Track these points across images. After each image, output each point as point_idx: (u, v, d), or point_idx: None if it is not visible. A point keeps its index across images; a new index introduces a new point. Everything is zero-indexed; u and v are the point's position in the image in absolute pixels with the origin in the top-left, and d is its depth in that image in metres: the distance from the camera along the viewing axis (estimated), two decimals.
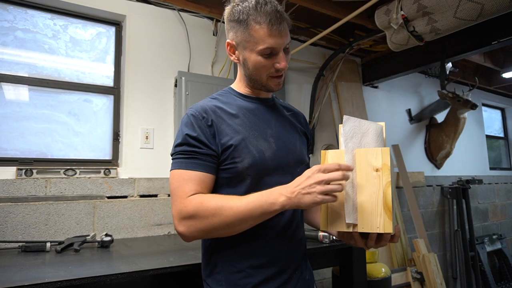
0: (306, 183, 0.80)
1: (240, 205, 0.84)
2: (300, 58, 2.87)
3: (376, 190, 0.82)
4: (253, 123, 1.00)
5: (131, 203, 2.02)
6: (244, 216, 0.84)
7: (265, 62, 0.95)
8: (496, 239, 4.15)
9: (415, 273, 3.00)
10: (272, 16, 0.91)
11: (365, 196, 0.83)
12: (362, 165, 0.84)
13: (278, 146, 1.01)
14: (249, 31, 0.93)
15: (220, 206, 0.84)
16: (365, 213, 0.82)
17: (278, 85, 1.01)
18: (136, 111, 2.14)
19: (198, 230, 0.87)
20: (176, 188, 0.91)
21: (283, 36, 0.94)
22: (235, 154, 0.94)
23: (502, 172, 4.79)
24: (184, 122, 0.97)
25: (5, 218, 1.69)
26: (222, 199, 0.87)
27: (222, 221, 0.84)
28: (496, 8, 1.80)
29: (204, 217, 0.85)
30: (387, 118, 3.49)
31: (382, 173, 0.82)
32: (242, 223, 0.85)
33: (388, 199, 0.81)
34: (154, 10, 2.28)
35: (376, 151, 0.84)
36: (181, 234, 0.89)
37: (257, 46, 0.93)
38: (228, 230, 0.87)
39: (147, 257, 1.44)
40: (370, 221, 0.82)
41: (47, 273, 1.14)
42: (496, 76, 4.13)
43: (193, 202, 0.87)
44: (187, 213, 0.86)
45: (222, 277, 0.95)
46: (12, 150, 1.87)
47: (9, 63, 1.92)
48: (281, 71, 0.97)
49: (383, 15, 2.20)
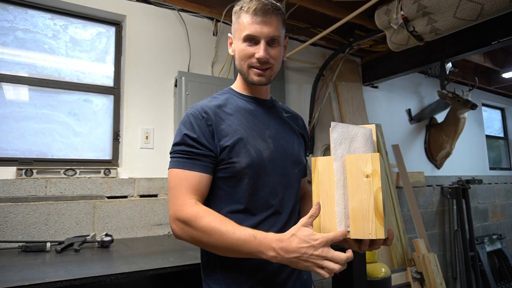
0: (308, 252, 0.76)
1: (231, 236, 0.82)
2: (300, 58, 2.87)
3: (367, 197, 0.82)
4: (252, 123, 1.01)
5: (131, 203, 2.02)
6: (231, 247, 0.83)
7: (246, 50, 0.98)
8: (496, 239, 4.15)
9: (415, 273, 3.00)
10: (259, 5, 0.96)
11: (356, 202, 0.83)
12: (353, 172, 0.84)
13: (276, 147, 1.01)
14: (238, 20, 1.00)
15: (211, 227, 0.84)
16: (357, 220, 0.82)
17: (259, 78, 1.00)
18: (136, 111, 2.15)
19: (188, 237, 0.89)
20: (173, 187, 0.92)
21: (266, 26, 0.96)
22: (233, 154, 0.94)
23: (502, 172, 4.79)
24: (183, 121, 0.98)
25: (5, 218, 1.69)
26: (216, 220, 0.85)
27: (210, 242, 0.85)
28: (496, 8, 1.80)
29: (196, 228, 0.86)
30: (387, 118, 3.49)
31: (372, 179, 0.82)
32: (227, 252, 0.86)
33: (379, 205, 0.81)
34: (154, 10, 2.28)
35: (366, 157, 0.83)
36: (173, 231, 0.92)
37: (241, 33, 0.98)
38: (214, 250, 0.88)
39: (147, 257, 1.44)
40: (362, 228, 0.82)
41: (47, 273, 1.14)
42: (496, 76, 4.13)
43: (189, 210, 0.87)
44: (181, 217, 0.88)
45: (221, 277, 0.95)
46: (12, 150, 1.87)
47: (9, 63, 1.92)
48: (261, 61, 0.97)
49: (383, 15, 2.20)
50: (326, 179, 0.87)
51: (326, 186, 0.87)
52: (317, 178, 0.88)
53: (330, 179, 0.86)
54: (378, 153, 0.84)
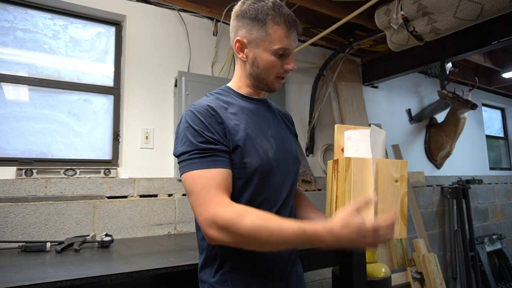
0: (361, 241, 0.78)
1: (279, 234, 0.79)
2: (300, 58, 2.87)
3: (395, 199, 0.90)
4: (256, 123, 1.00)
5: (131, 203, 2.02)
6: (280, 244, 0.81)
7: (276, 62, 0.97)
8: (496, 239, 4.14)
9: (415, 273, 3.00)
10: (290, 19, 0.96)
11: (385, 204, 0.90)
12: (384, 175, 0.91)
13: (278, 146, 1.01)
14: (266, 30, 0.95)
15: (257, 227, 0.80)
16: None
17: (280, 86, 1.05)
18: (136, 111, 2.14)
19: (231, 240, 0.82)
20: (199, 190, 0.85)
21: (296, 40, 0.99)
22: (244, 154, 0.92)
23: (502, 172, 4.79)
24: (192, 120, 0.92)
25: (5, 218, 1.69)
26: (259, 217, 0.81)
27: (257, 243, 0.81)
28: (496, 8, 1.80)
29: (239, 231, 0.80)
30: (387, 118, 3.49)
31: (400, 184, 0.91)
32: (276, 248, 0.85)
33: (405, 208, 0.90)
34: (154, 10, 2.28)
35: (396, 163, 0.92)
36: (209, 237, 0.84)
37: (273, 46, 0.95)
38: (260, 249, 0.85)
39: (147, 257, 1.44)
40: None
41: (47, 273, 1.14)
42: (496, 76, 4.13)
43: (227, 212, 0.82)
44: (221, 222, 0.81)
45: (228, 278, 0.94)
46: (12, 150, 1.87)
47: (9, 63, 1.92)
48: (288, 72, 1.01)
49: (383, 15, 2.20)
50: (359, 179, 0.91)
51: (358, 185, 0.91)
52: (349, 177, 0.91)
53: (364, 179, 0.91)
54: (406, 160, 0.93)
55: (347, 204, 0.89)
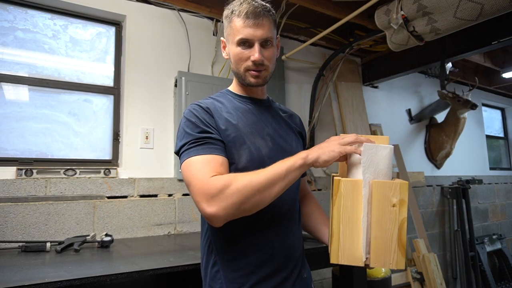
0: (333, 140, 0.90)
1: (269, 171, 0.85)
2: (300, 58, 2.87)
3: (391, 226, 0.79)
4: (250, 121, 1.02)
5: (131, 203, 2.02)
6: (275, 180, 0.85)
7: (241, 53, 0.99)
8: (496, 239, 4.14)
9: (415, 273, 3.00)
10: (250, 9, 0.97)
11: (380, 231, 0.80)
12: (379, 199, 0.80)
13: (274, 145, 1.02)
14: (231, 24, 1.00)
15: (249, 180, 0.83)
16: (379, 249, 0.80)
17: (256, 79, 1.01)
18: (136, 111, 2.14)
19: (230, 205, 0.81)
20: (195, 173, 0.86)
21: (259, 29, 0.97)
22: (233, 150, 0.95)
23: (502, 172, 4.79)
24: (189, 115, 0.97)
25: (5, 218, 1.69)
26: (248, 173, 0.85)
27: (253, 193, 0.82)
28: (496, 8, 1.80)
29: (234, 190, 0.81)
30: (387, 118, 3.49)
31: (398, 209, 0.79)
32: (276, 188, 0.85)
33: (403, 236, 0.79)
34: (154, 10, 2.28)
35: (394, 185, 0.79)
36: (212, 216, 0.82)
37: (235, 37, 0.99)
38: (259, 197, 0.83)
39: (147, 257, 1.44)
40: (383, 257, 0.80)
41: (47, 273, 1.14)
42: (496, 76, 4.13)
43: (219, 179, 0.83)
44: (215, 190, 0.81)
45: (222, 275, 0.95)
46: (12, 150, 1.87)
47: (9, 63, 1.92)
48: (257, 64, 0.99)
49: (383, 15, 2.20)
50: (349, 203, 0.82)
51: (349, 211, 0.82)
52: (339, 201, 0.82)
53: (354, 204, 0.82)
54: (407, 182, 0.80)
55: (335, 231, 0.82)
